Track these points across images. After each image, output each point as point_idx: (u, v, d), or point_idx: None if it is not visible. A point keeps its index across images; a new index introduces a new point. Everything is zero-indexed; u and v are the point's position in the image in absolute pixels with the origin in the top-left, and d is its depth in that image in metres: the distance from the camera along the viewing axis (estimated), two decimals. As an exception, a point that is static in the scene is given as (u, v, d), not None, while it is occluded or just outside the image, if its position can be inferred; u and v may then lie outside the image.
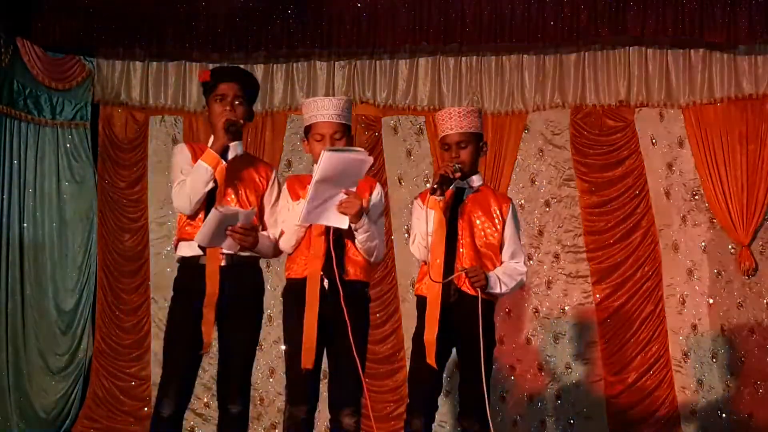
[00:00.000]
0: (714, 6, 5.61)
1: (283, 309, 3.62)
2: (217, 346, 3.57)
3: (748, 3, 5.55)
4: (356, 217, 3.36)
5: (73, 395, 6.23)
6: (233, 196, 3.52)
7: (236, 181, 3.53)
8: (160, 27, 6.13)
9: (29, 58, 6.12)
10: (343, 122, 3.53)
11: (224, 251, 3.44)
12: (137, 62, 6.45)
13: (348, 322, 3.32)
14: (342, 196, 3.32)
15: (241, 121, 3.51)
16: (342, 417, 3.44)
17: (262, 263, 3.71)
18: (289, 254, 3.57)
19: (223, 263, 3.45)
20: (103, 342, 6.28)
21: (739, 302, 5.76)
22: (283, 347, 6.10)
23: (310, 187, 3.29)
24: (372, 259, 3.53)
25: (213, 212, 3.30)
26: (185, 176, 3.47)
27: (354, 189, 3.36)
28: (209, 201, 3.44)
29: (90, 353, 6.28)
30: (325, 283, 3.41)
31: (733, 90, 5.84)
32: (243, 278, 3.52)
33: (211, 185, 3.43)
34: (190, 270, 3.50)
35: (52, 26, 6.13)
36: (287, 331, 3.54)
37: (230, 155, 3.50)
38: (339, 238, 3.43)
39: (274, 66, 6.36)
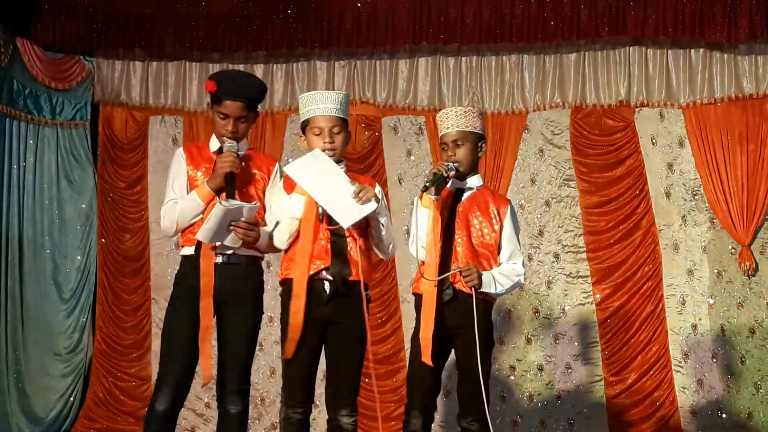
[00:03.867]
0: (714, 6, 5.62)
1: (281, 310, 3.54)
2: (216, 345, 3.53)
3: (748, 2, 5.55)
4: (377, 199, 3.35)
5: (73, 395, 6.22)
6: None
7: (238, 185, 3.49)
8: (160, 27, 6.14)
9: (29, 58, 6.12)
10: (342, 116, 3.49)
11: (223, 248, 3.40)
12: (137, 62, 6.45)
13: (348, 322, 3.30)
14: (351, 189, 3.30)
15: (240, 153, 3.48)
16: (340, 417, 3.43)
17: (264, 264, 3.68)
18: (284, 250, 3.50)
19: (219, 260, 3.42)
20: (103, 342, 6.28)
21: (740, 302, 5.75)
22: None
23: (315, 195, 3.28)
24: (388, 251, 3.51)
25: (217, 207, 3.28)
26: (176, 195, 3.48)
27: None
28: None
29: (90, 353, 6.28)
30: (326, 284, 3.38)
31: (734, 90, 5.83)
32: (241, 276, 3.48)
33: (200, 218, 3.43)
34: (190, 266, 3.47)
35: (51, 26, 6.14)
36: (284, 332, 3.47)
37: None
38: (340, 239, 3.40)
39: (274, 66, 6.35)
